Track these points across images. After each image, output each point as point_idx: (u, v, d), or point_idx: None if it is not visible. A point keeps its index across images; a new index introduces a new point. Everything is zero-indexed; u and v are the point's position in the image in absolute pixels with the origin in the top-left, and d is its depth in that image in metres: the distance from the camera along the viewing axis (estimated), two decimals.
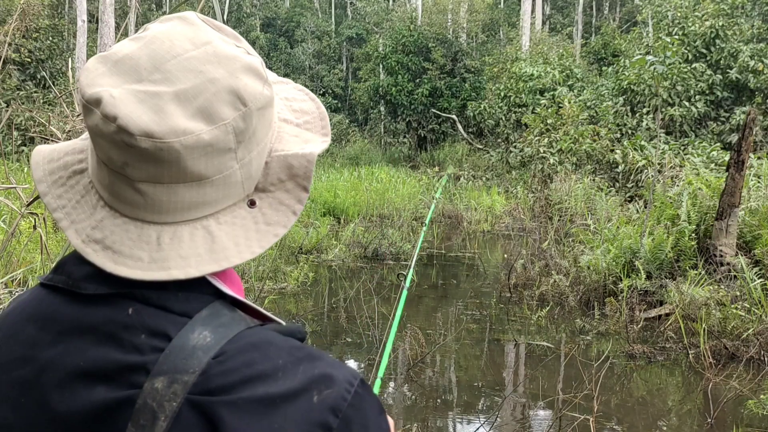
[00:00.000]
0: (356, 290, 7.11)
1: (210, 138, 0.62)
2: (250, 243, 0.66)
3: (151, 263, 0.63)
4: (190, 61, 0.63)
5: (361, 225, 11.39)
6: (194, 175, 0.63)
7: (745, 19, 16.04)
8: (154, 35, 0.65)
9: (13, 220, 5.54)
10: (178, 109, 0.62)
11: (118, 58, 0.64)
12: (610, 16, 34.88)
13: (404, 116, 24.28)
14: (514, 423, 4.47)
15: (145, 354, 0.61)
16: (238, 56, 0.66)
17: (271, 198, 0.69)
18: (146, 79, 0.62)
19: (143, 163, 0.62)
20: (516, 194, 14.64)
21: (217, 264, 0.64)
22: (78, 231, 0.66)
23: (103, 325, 0.63)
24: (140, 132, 0.60)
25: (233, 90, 0.63)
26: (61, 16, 25.29)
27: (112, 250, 0.64)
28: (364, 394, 0.63)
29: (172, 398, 0.59)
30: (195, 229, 0.65)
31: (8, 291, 4.65)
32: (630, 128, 14.26)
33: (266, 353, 0.62)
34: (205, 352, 0.61)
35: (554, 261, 8.01)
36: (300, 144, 0.72)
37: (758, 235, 6.96)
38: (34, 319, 0.67)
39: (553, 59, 19.79)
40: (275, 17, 38.08)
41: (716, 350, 5.44)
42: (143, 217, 0.65)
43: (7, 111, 6.89)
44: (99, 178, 0.66)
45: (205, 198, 0.65)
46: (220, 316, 0.64)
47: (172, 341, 0.62)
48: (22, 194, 2.68)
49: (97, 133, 0.62)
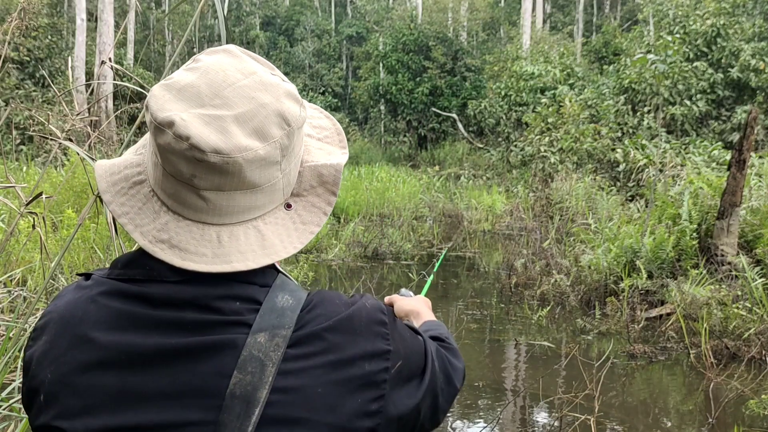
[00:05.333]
0: (356, 290, 7.09)
1: (264, 153, 0.76)
2: (292, 240, 0.81)
3: (215, 258, 0.77)
4: (243, 89, 0.77)
5: (361, 224, 11.38)
6: (250, 184, 0.77)
7: (746, 18, 16.03)
8: (207, 66, 0.78)
9: (12, 220, 5.52)
10: (239, 129, 0.75)
11: (180, 86, 0.77)
12: (611, 15, 34.84)
13: (404, 115, 24.26)
14: (515, 423, 4.46)
15: (243, 315, 0.77)
16: (279, 84, 0.80)
17: (304, 201, 0.84)
18: (208, 104, 0.75)
19: (210, 174, 0.75)
20: (517, 193, 14.62)
21: (269, 258, 0.79)
22: (144, 233, 0.78)
23: (199, 298, 0.76)
24: (210, 149, 0.73)
25: (280, 113, 0.77)
26: (60, 14, 25.27)
27: (178, 248, 0.77)
28: (388, 308, 0.89)
29: (276, 349, 0.75)
30: (247, 228, 0.79)
31: (7, 290, 4.63)
32: (631, 127, 14.23)
33: (332, 302, 0.83)
34: (293, 311, 0.78)
35: (555, 260, 8.00)
36: (325, 155, 0.87)
37: (760, 235, 6.94)
38: (117, 296, 0.78)
39: (554, 58, 19.77)
40: (275, 16, 38.06)
41: (717, 350, 5.42)
42: (204, 219, 0.78)
43: (6, 110, 6.85)
44: (164, 187, 0.78)
45: (255, 203, 0.79)
46: (289, 283, 0.82)
47: (263, 304, 0.78)
48: (21, 193, 2.67)
49: (169, 150, 0.74)
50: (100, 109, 15.72)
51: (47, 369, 0.77)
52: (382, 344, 0.82)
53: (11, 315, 4.16)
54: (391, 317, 0.86)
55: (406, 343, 0.86)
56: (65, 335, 0.77)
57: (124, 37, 22.82)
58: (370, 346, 0.80)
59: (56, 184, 7.76)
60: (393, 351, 0.82)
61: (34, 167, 11.50)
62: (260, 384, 0.73)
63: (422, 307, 1.20)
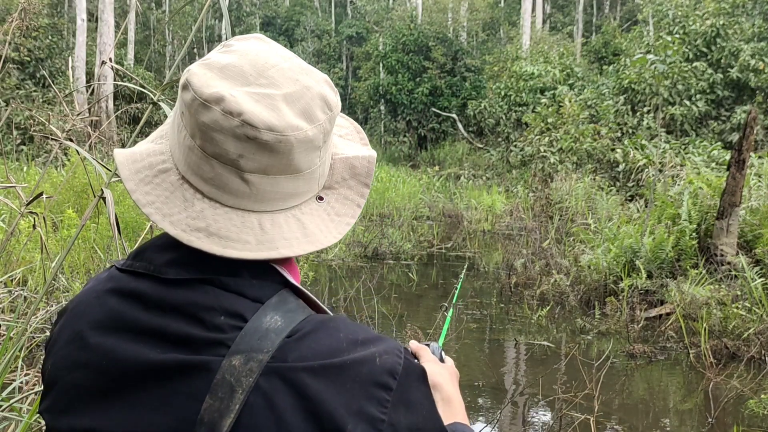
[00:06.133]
0: (356, 290, 7.10)
1: (312, 135, 0.73)
2: (330, 230, 0.78)
3: (259, 245, 0.72)
4: (286, 71, 0.74)
5: (361, 224, 11.38)
6: (295, 168, 0.73)
7: (746, 18, 16.03)
8: (245, 49, 0.75)
9: (13, 220, 5.53)
10: (288, 108, 0.72)
11: (222, 65, 0.73)
12: (610, 15, 34.84)
13: (404, 115, 24.26)
14: (515, 423, 4.46)
15: (226, 332, 0.70)
16: (316, 71, 0.78)
17: (336, 194, 0.80)
18: (254, 83, 0.72)
19: (259, 154, 0.71)
20: (516, 193, 14.63)
21: (312, 245, 0.75)
22: (174, 222, 0.73)
23: (186, 306, 0.71)
24: (264, 126, 0.70)
25: (323, 96, 0.75)
26: (60, 14, 25.29)
27: (218, 236, 0.72)
28: (410, 361, 0.74)
29: (248, 374, 0.67)
30: (288, 217, 0.75)
31: (8, 290, 4.64)
32: (631, 127, 14.24)
33: (330, 333, 0.71)
34: (278, 334, 0.69)
35: (555, 260, 8.00)
36: (353, 148, 0.84)
37: (759, 235, 6.94)
38: (116, 293, 0.75)
39: (554, 58, 19.77)
40: (275, 16, 38.06)
41: (717, 350, 5.43)
42: (245, 206, 0.74)
43: (7, 110, 6.86)
44: (200, 172, 0.73)
45: (297, 189, 0.75)
46: (288, 302, 0.74)
47: (248, 323, 0.70)
48: (22, 193, 2.67)
49: (215, 128, 0.70)
50: (100, 110, 15.73)
51: (50, 359, 0.77)
52: (375, 410, 0.68)
53: (12, 315, 4.17)
54: (405, 380, 0.71)
55: (413, 419, 0.71)
56: (67, 328, 0.77)
57: (125, 37, 22.83)
58: (356, 405, 0.68)
59: (57, 184, 7.77)
60: (387, 423, 0.68)
61: (35, 167, 11.50)
62: (226, 411, 0.66)
63: (454, 391, 0.93)
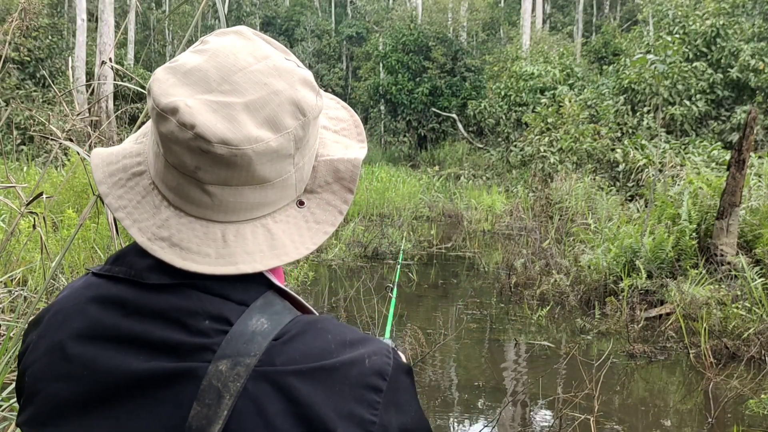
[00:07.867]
0: (356, 289, 7.10)
1: (276, 145, 0.68)
2: (304, 240, 0.73)
3: (219, 258, 0.69)
4: (254, 74, 0.69)
5: (361, 224, 11.38)
6: (259, 179, 0.69)
7: (745, 18, 16.03)
8: (216, 48, 0.70)
9: (13, 220, 5.53)
10: (249, 118, 0.67)
11: (186, 69, 0.69)
12: (610, 15, 34.84)
13: (404, 115, 24.26)
14: (515, 423, 4.46)
15: (211, 337, 0.68)
16: (294, 70, 0.72)
17: (318, 199, 0.76)
18: (216, 89, 0.68)
19: (216, 167, 0.67)
20: (516, 193, 14.63)
21: (279, 259, 0.71)
22: (142, 229, 0.71)
23: (169, 311, 0.69)
24: (217, 139, 0.66)
25: (294, 101, 0.70)
26: (60, 14, 25.27)
27: (179, 247, 0.69)
28: (399, 362, 0.73)
29: (235, 379, 0.65)
30: (255, 227, 0.72)
31: (8, 290, 4.64)
32: (631, 127, 14.24)
33: (318, 334, 0.70)
34: (264, 337, 0.67)
35: (555, 260, 8.00)
36: (341, 149, 0.79)
37: (759, 235, 6.94)
38: (96, 301, 0.72)
39: (554, 58, 19.77)
40: (275, 16, 38.06)
41: (717, 350, 5.43)
42: (209, 216, 0.71)
43: (7, 110, 6.85)
44: (165, 180, 0.71)
45: (265, 199, 0.71)
46: (274, 305, 0.71)
47: (233, 327, 0.68)
48: (22, 193, 2.67)
49: (172, 139, 0.67)
50: (100, 109, 15.72)
51: (28, 371, 0.74)
52: (365, 412, 0.67)
53: (12, 315, 4.17)
54: (395, 382, 0.71)
55: (403, 420, 0.71)
56: (46, 339, 0.73)
57: (125, 37, 22.82)
58: (346, 408, 0.66)
59: (57, 184, 7.77)
60: (378, 425, 0.68)
61: (35, 167, 11.51)
62: (215, 418, 0.64)
63: None
